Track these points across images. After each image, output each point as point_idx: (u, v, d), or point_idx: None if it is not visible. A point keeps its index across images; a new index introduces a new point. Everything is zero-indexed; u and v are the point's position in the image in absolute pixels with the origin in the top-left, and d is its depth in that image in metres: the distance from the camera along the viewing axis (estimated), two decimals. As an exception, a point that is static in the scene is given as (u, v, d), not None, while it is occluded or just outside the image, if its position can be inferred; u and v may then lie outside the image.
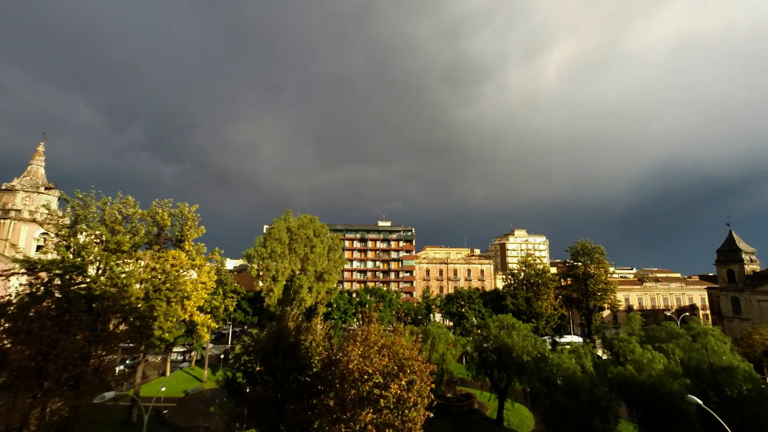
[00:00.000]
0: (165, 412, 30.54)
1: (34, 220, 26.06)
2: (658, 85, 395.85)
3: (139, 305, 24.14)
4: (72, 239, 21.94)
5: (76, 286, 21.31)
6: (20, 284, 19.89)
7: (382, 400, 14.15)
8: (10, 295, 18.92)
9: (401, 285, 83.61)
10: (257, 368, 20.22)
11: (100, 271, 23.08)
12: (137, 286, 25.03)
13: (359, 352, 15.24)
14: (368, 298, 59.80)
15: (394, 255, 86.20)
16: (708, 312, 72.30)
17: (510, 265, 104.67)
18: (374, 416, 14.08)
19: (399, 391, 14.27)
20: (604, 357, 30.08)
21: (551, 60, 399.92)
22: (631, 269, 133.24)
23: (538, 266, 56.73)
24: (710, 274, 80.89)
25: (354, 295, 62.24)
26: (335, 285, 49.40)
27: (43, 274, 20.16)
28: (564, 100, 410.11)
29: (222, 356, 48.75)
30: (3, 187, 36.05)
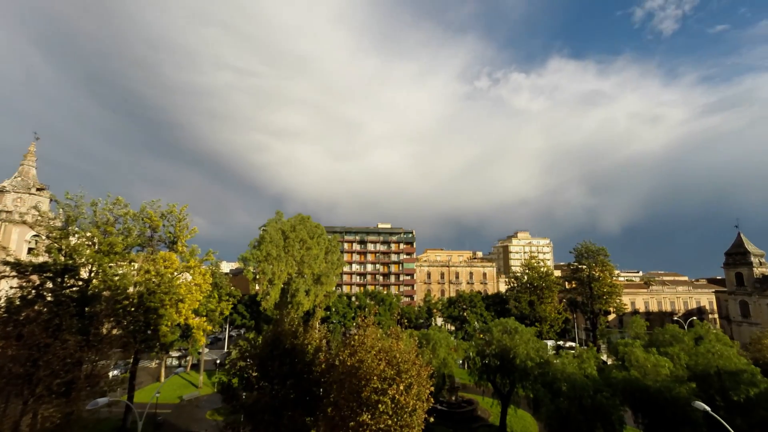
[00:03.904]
0: (160, 418, 30.05)
1: (24, 222, 25.80)
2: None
3: (133, 309, 23.78)
4: (63, 241, 21.68)
5: (68, 290, 21.02)
6: (11, 287, 19.62)
7: (380, 405, 13.72)
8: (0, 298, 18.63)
9: (402, 288, 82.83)
10: (253, 374, 19.80)
11: (92, 274, 22.78)
12: (131, 289, 24.71)
13: (358, 357, 14.86)
14: (368, 301, 59.14)
15: (394, 258, 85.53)
16: (716, 316, 70.89)
17: (513, 268, 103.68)
18: (371, 422, 13.65)
19: (397, 396, 13.86)
20: (610, 362, 29.34)
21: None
22: (637, 272, 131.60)
23: (542, 269, 55.88)
24: (718, 278, 79.50)
25: (353, 298, 61.59)
26: (333, 288, 48.77)
27: (34, 277, 19.88)
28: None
29: (218, 361, 48.21)
30: (-7, 189, 35.35)
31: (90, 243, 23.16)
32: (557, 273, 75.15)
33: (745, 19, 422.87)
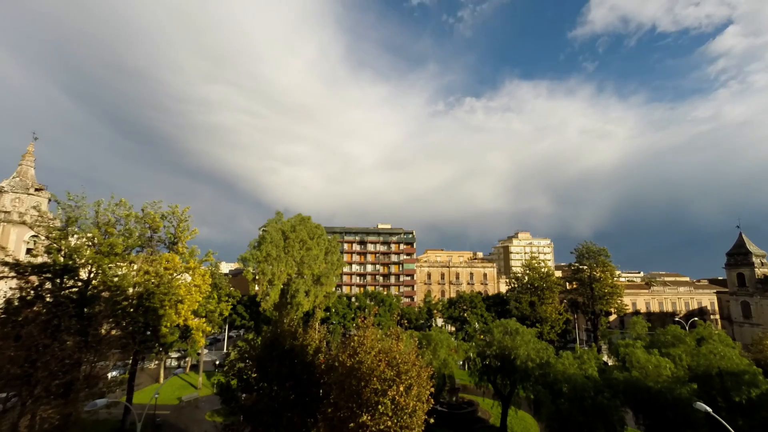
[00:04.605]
0: (159, 419, 29.95)
1: (23, 222, 25.75)
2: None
3: (132, 310, 23.71)
4: (63, 242, 21.63)
5: (67, 290, 20.97)
6: (9, 288, 19.56)
7: (380, 407, 13.64)
8: None
9: (402, 289, 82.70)
10: (252, 375, 19.70)
11: (92, 275, 22.73)
12: (130, 290, 24.64)
13: (358, 358, 14.79)
14: (368, 302, 59.04)
15: (394, 258, 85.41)
16: (717, 317, 70.66)
17: (514, 269, 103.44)
18: (371, 423, 13.58)
19: (397, 397, 13.78)
20: (611, 363, 29.21)
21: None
22: (639, 273, 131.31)
23: (543, 270, 55.66)
24: (720, 278, 79.23)
25: (353, 299, 61.47)
26: (333, 288, 48.59)
27: (33, 278, 19.83)
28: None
29: (217, 362, 48.08)
30: (-8, 188, 35.04)
31: (90, 244, 23.10)
32: (558, 274, 74.89)
33: (676, 47, 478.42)
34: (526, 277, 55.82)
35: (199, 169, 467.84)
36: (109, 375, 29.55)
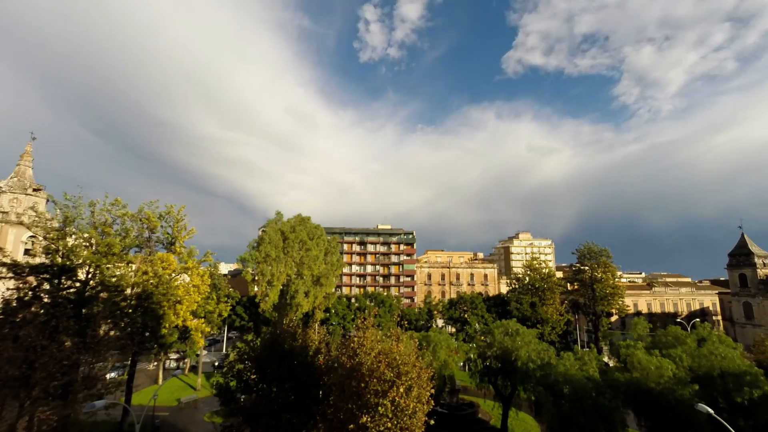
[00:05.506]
0: (157, 421, 29.84)
1: (21, 223, 25.62)
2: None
3: (131, 311, 23.65)
4: (60, 242, 21.57)
5: (65, 291, 20.92)
6: (7, 289, 19.52)
7: (380, 408, 13.55)
8: None
9: (402, 290, 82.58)
10: (252, 376, 19.63)
11: (90, 275, 22.67)
12: (128, 290, 24.58)
13: (357, 360, 14.73)
14: (367, 303, 58.95)
15: (394, 259, 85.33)
16: (719, 318, 70.44)
17: (514, 269, 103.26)
18: (371, 424, 13.49)
19: (397, 399, 13.70)
20: (612, 364, 29.11)
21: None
22: (640, 273, 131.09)
23: (544, 270, 55.52)
24: (722, 279, 79.02)
25: (353, 300, 61.37)
26: (333, 289, 48.45)
27: (31, 279, 19.78)
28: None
29: (216, 363, 47.95)
30: (-10, 189, 34.98)
31: (87, 244, 23.05)
32: (559, 274, 74.74)
33: (586, 86, 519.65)
34: (527, 278, 55.67)
35: (214, 188, 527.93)
36: (108, 376, 29.42)
